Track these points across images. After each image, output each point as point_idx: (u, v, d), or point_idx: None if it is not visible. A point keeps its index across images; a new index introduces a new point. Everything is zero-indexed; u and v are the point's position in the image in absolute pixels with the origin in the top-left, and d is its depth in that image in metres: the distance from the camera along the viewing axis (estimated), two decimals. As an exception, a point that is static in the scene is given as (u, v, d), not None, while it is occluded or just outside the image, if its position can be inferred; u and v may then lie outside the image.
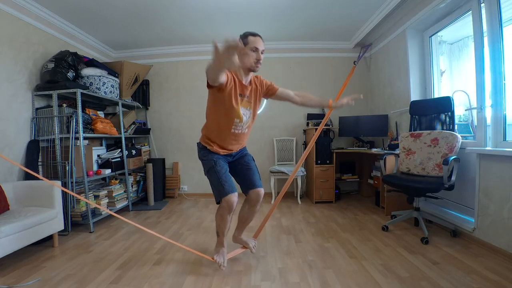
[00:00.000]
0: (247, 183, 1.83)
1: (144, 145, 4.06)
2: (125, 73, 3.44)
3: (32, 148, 2.62)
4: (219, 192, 1.67)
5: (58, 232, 2.27)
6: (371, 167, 3.55)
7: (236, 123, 1.71)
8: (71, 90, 2.64)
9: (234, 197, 1.67)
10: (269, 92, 1.87)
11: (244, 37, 1.65)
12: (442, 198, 2.58)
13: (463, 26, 2.60)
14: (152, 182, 3.63)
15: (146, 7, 2.88)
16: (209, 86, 1.55)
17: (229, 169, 1.82)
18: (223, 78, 1.48)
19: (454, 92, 2.70)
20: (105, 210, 2.02)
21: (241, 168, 1.87)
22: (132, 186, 3.54)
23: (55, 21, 2.97)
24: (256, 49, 1.62)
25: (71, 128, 2.58)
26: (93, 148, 3.01)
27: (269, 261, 1.91)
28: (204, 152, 1.82)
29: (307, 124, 3.89)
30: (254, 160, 1.95)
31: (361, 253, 1.99)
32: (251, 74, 1.75)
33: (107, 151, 3.32)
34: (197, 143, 1.89)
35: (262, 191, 1.83)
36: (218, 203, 1.71)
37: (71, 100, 2.81)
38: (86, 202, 2.61)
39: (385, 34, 3.46)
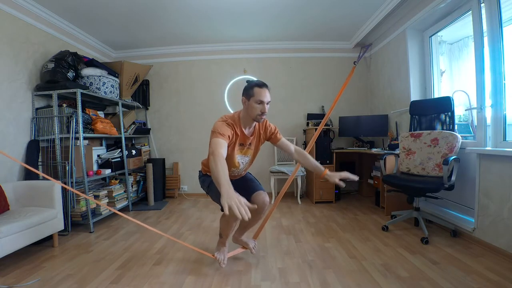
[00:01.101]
0: (249, 190, 1.83)
1: (144, 145, 4.06)
2: (125, 73, 3.44)
3: (32, 148, 2.62)
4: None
5: (58, 232, 2.27)
6: (371, 167, 3.55)
7: (233, 170, 1.76)
8: (71, 90, 2.64)
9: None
10: (271, 140, 1.88)
11: (250, 87, 1.63)
12: (442, 198, 2.58)
13: (463, 26, 2.60)
14: (152, 182, 3.63)
15: (146, 8, 2.88)
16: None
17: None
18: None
19: (454, 92, 2.70)
20: (106, 207, 2.02)
21: (241, 182, 1.89)
22: (132, 186, 3.54)
23: (55, 21, 2.97)
24: (261, 102, 1.61)
25: (71, 128, 2.58)
26: (93, 148, 3.01)
27: (269, 261, 1.91)
28: (205, 178, 1.86)
29: (307, 124, 3.89)
30: (250, 173, 1.99)
31: (361, 253, 1.99)
32: (255, 123, 1.75)
33: (107, 151, 3.32)
34: (199, 172, 1.94)
35: (266, 195, 1.82)
36: (222, 210, 1.71)
37: (71, 100, 2.81)
38: (86, 202, 2.62)
39: (385, 34, 3.46)
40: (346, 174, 1.66)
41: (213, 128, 1.59)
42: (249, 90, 1.63)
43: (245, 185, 1.87)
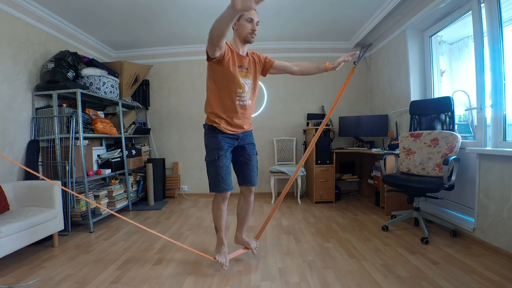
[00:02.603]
0: (244, 178, 1.90)
1: (144, 145, 4.06)
2: (125, 73, 3.44)
3: (32, 148, 2.62)
4: (215, 187, 1.75)
5: (58, 232, 2.27)
6: (371, 167, 3.55)
7: (240, 93, 1.71)
8: (71, 90, 2.64)
9: (228, 193, 1.78)
10: (267, 65, 1.89)
11: None
12: (442, 198, 2.58)
13: (463, 26, 2.60)
14: (152, 182, 3.63)
15: (146, 7, 2.88)
16: (208, 59, 1.59)
17: (232, 156, 1.84)
18: (223, 43, 1.52)
19: (454, 92, 2.70)
20: (105, 209, 2.02)
21: (243, 161, 1.88)
22: (132, 186, 3.54)
23: (55, 21, 2.97)
24: (251, 20, 1.65)
25: (71, 128, 2.58)
26: (93, 148, 3.01)
27: (269, 261, 1.91)
28: (210, 136, 1.76)
29: (307, 124, 3.89)
30: (257, 153, 1.95)
31: (361, 253, 1.99)
32: (247, 46, 1.77)
33: (107, 151, 3.31)
34: (203, 125, 1.84)
35: (253, 194, 1.97)
36: (211, 191, 1.78)
37: (71, 100, 2.81)
38: (86, 202, 2.62)
39: (385, 34, 3.46)
40: (345, 58, 1.82)
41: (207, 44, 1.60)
42: None
43: (246, 170, 1.88)
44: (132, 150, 3.60)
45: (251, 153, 1.89)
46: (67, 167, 2.57)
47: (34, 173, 1.57)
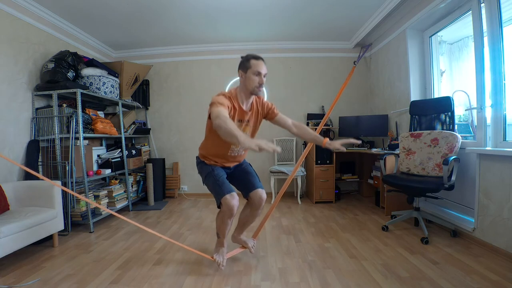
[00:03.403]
0: (247, 186, 1.82)
1: (144, 145, 4.06)
2: (125, 73, 3.44)
3: (32, 148, 2.62)
4: (218, 194, 1.66)
5: (58, 232, 2.27)
6: (371, 167, 3.55)
7: (232, 148, 1.74)
8: (71, 90, 2.64)
9: (234, 201, 1.64)
10: (269, 116, 1.87)
11: (246, 60, 1.64)
12: (442, 198, 2.58)
13: (463, 26, 2.60)
14: (152, 182, 3.63)
15: (146, 7, 2.88)
16: (210, 117, 1.58)
17: (228, 178, 1.83)
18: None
19: (454, 92, 2.70)
20: (105, 210, 2.02)
21: (239, 174, 1.88)
22: (132, 186, 3.54)
23: (55, 21, 2.97)
24: (258, 73, 1.61)
25: (71, 128, 2.58)
26: (93, 148, 3.01)
27: (269, 261, 1.91)
28: (202, 165, 1.85)
29: (307, 124, 3.89)
30: (251, 165, 1.97)
31: (361, 253, 1.99)
32: (253, 97, 1.74)
33: (107, 151, 3.32)
34: (196, 157, 1.92)
35: (263, 192, 1.81)
36: (219, 207, 1.70)
37: (71, 100, 2.81)
38: (86, 202, 2.62)
39: (385, 34, 3.46)
40: (346, 140, 1.74)
41: (211, 101, 1.57)
42: (246, 62, 1.63)
43: (244, 179, 1.85)
44: (132, 150, 3.60)
45: (245, 165, 1.93)
46: (67, 167, 2.57)
47: (34, 173, 1.57)
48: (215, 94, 1.66)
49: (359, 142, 1.71)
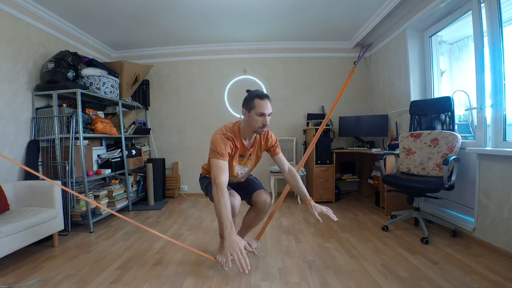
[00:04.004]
0: (249, 191, 1.83)
1: (144, 145, 4.06)
2: (125, 73, 3.44)
3: (32, 148, 2.62)
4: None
5: (58, 232, 2.27)
6: (371, 167, 3.55)
7: (231, 179, 1.76)
8: (71, 90, 2.64)
9: (235, 200, 1.65)
10: (269, 151, 1.86)
11: (250, 99, 1.58)
12: (442, 198, 2.58)
13: (463, 26, 2.60)
14: (152, 182, 3.63)
15: (146, 8, 2.88)
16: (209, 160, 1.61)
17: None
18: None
19: (454, 92, 2.70)
20: (105, 209, 2.02)
21: (242, 184, 1.89)
22: (132, 186, 3.54)
23: (55, 21, 2.97)
24: (262, 114, 1.56)
25: (71, 128, 2.58)
26: (93, 148, 3.01)
27: (269, 261, 1.91)
28: (204, 179, 1.89)
29: (307, 124, 3.89)
30: (251, 174, 1.99)
31: (361, 253, 1.99)
32: (255, 135, 1.72)
33: (107, 151, 3.32)
34: (200, 174, 1.97)
35: (267, 195, 1.81)
36: (210, 194, 1.74)
37: (71, 100, 2.81)
38: (86, 202, 2.62)
39: (385, 34, 3.46)
40: (327, 211, 1.72)
41: (212, 144, 1.57)
42: (250, 101, 1.58)
43: (245, 185, 1.87)
44: (132, 150, 3.60)
45: (248, 178, 1.95)
46: (67, 167, 2.57)
47: (34, 172, 1.57)
48: (217, 131, 1.64)
49: (336, 219, 1.73)
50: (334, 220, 1.68)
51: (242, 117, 1.70)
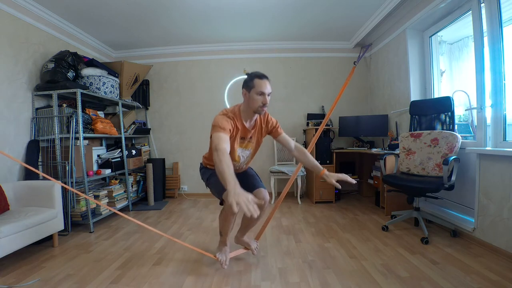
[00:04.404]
0: (249, 187, 1.82)
1: (144, 145, 4.06)
2: (125, 73, 3.44)
3: (32, 148, 2.62)
4: (220, 191, 1.67)
5: (58, 232, 2.27)
6: (371, 167, 3.55)
7: (233, 164, 1.72)
8: (71, 90, 2.64)
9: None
10: (272, 133, 1.87)
11: (250, 79, 1.61)
12: (442, 198, 2.59)
13: (463, 26, 2.60)
14: (152, 182, 3.63)
15: (146, 8, 2.88)
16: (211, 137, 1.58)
17: None
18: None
19: (454, 92, 2.70)
20: (106, 208, 2.02)
21: (242, 177, 1.86)
22: (132, 186, 3.54)
23: (55, 21, 2.97)
24: (262, 93, 1.58)
25: (71, 128, 2.58)
26: (93, 148, 3.01)
27: (269, 261, 1.91)
28: (205, 170, 1.89)
29: (307, 124, 3.89)
30: (252, 168, 1.99)
31: (361, 253, 1.99)
32: (256, 116, 1.73)
33: (107, 151, 3.32)
34: (200, 164, 1.97)
35: (266, 193, 1.81)
36: (221, 204, 1.71)
37: (71, 100, 2.81)
38: (86, 202, 2.62)
39: (385, 34, 3.46)
40: (344, 176, 1.66)
41: (213, 122, 1.57)
42: (250, 82, 1.61)
43: (246, 181, 1.85)
44: (132, 150, 3.60)
45: (247, 170, 1.94)
46: (67, 167, 2.57)
47: (36, 171, 1.57)
48: (219, 112, 1.66)
49: (355, 182, 1.69)
50: (352, 183, 1.66)
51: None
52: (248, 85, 1.62)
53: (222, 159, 1.35)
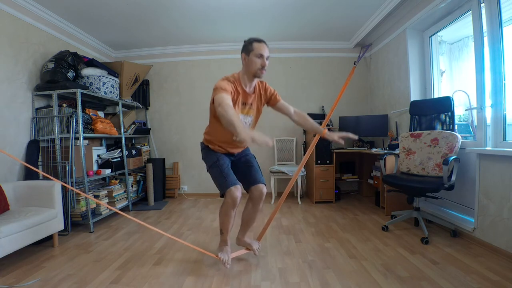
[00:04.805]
0: (249, 180, 1.84)
1: (144, 145, 4.06)
2: (125, 73, 3.44)
3: (32, 148, 2.62)
4: (222, 186, 1.69)
5: (58, 232, 2.27)
6: (371, 167, 3.55)
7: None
8: (71, 90, 2.64)
9: (237, 192, 1.67)
10: (271, 101, 1.88)
11: (249, 43, 1.67)
12: (442, 198, 2.58)
13: (463, 26, 2.60)
14: (152, 182, 3.62)
15: (146, 8, 2.88)
16: (213, 102, 1.60)
17: (232, 166, 1.84)
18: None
19: (454, 92, 2.70)
20: (107, 207, 2.03)
21: (243, 166, 1.88)
22: (132, 186, 3.54)
23: (55, 21, 2.97)
24: (261, 56, 1.63)
25: (71, 128, 2.58)
26: (93, 148, 3.01)
27: (269, 261, 1.91)
28: (206, 151, 1.87)
29: (307, 124, 3.89)
30: (255, 158, 1.97)
31: (361, 253, 1.99)
32: (256, 80, 1.76)
33: (107, 151, 3.31)
34: (200, 143, 1.94)
35: (264, 187, 1.83)
36: (221, 196, 1.73)
37: (71, 100, 2.81)
38: (86, 202, 2.62)
39: (385, 34, 3.46)
40: (345, 134, 1.77)
41: (215, 86, 1.59)
42: (249, 45, 1.66)
43: (248, 172, 1.86)
44: (132, 150, 3.60)
45: (250, 158, 1.92)
46: (67, 167, 2.57)
47: (36, 170, 1.58)
48: (219, 79, 1.68)
49: (357, 137, 1.76)
50: (355, 138, 1.74)
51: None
52: (247, 48, 1.67)
53: (228, 109, 1.37)
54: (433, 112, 2.48)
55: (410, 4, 2.74)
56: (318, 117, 3.90)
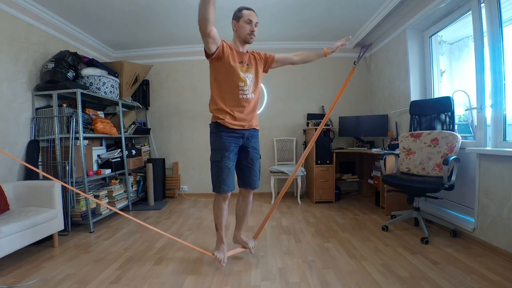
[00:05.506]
0: (245, 180, 1.91)
1: (144, 145, 4.06)
2: (125, 73, 3.44)
3: (32, 148, 2.62)
4: (216, 187, 1.78)
5: (58, 232, 2.27)
6: (371, 167, 3.55)
7: (242, 87, 1.76)
8: (71, 90, 2.64)
9: (229, 194, 1.82)
10: (269, 61, 1.94)
11: (238, 11, 1.77)
12: (442, 198, 2.58)
13: (463, 26, 2.60)
14: (152, 182, 3.62)
15: (146, 7, 2.88)
16: (207, 56, 1.68)
17: (238, 151, 1.84)
18: (213, 32, 1.56)
19: (454, 92, 2.70)
20: (107, 207, 2.03)
21: (245, 165, 1.89)
22: (132, 186, 3.54)
23: (55, 21, 2.97)
24: (250, 21, 1.74)
25: (71, 128, 2.58)
26: (93, 148, 3.01)
27: (269, 261, 1.91)
28: (216, 134, 1.80)
29: (307, 124, 3.89)
30: (260, 157, 1.99)
31: (361, 253, 1.99)
32: (247, 46, 1.84)
33: (107, 151, 3.32)
34: (209, 124, 1.91)
35: (251, 194, 1.97)
36: (213, 190, 1.81)
37: (71, 100, 2.81)
38: (86, 202, 2.62)
39: (385, 34, 3.46)
40: (343, 40, 1.93)
41: None
42: (238, 12, 1.77)
43: (246, 172, 1.88)
44: (132, 150, 3.60)
45: (254, 157, 1.90)
46: (67, 167, 2.57)
47: (37, 170, 1.57)
48: None
49: (350, 37, 1.97)
50: (349, 38, 1.95)
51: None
52: (237, 15, 1.78)
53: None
54: (433, 112, 2.48)
55: (410, 4, 2.74)
56: (318, 117, 3.91)
